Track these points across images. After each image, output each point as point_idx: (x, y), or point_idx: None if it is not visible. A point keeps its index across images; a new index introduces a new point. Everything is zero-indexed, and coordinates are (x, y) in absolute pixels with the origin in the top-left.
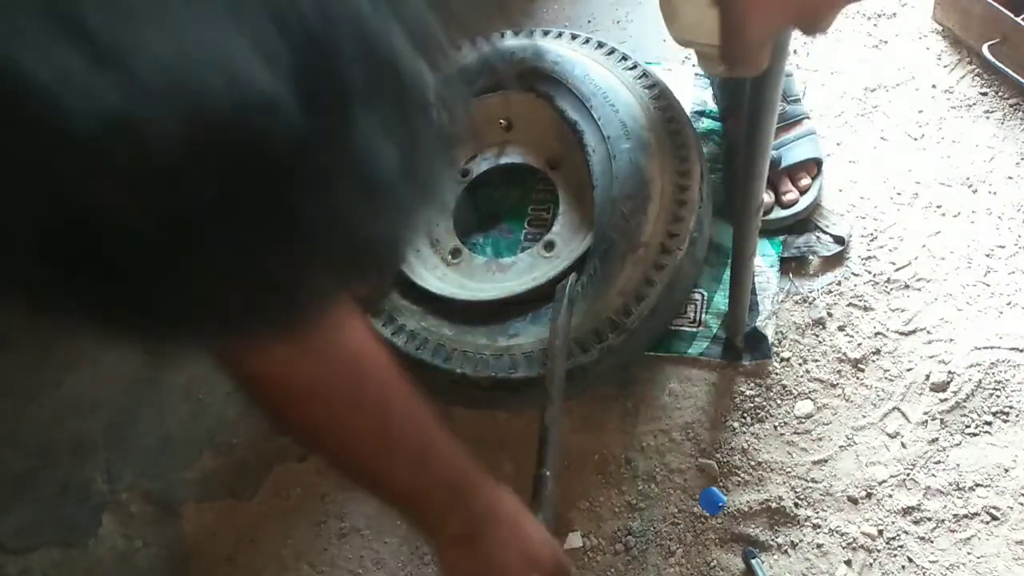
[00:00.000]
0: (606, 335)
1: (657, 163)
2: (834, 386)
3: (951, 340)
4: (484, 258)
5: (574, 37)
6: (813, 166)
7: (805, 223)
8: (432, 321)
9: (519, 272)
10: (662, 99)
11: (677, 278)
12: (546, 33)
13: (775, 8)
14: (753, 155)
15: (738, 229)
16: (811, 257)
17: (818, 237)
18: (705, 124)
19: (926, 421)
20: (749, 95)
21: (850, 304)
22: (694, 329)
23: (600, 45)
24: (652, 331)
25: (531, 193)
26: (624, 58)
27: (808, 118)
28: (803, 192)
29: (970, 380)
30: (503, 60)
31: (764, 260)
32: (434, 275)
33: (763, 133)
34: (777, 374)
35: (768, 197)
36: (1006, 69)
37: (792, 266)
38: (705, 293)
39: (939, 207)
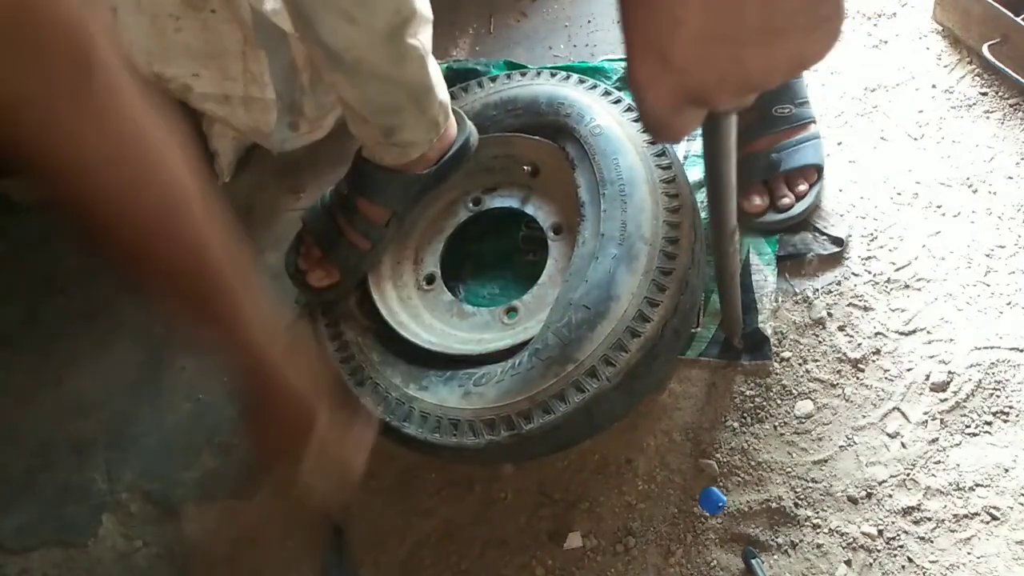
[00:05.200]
0: (499, 430)
1: (634, 283)
2: (834, 386)
3: (951, 340)
4: (449, 297)
5: (629, 109)
6: (813, 172)
7: (803, 224)
8: (368, 340)
9: (472, 327)
10: (677, 214)
11: (596, 404)
12: (607, 93)
13: (667, 88)
14: (717, 196)
15: (717, 253)
16: (809, 255)
17: (815, 236)
18: None
19: (926, 421)
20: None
21: (850, 304)
22: (693, 330)
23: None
24: (553, 442)
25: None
26: (663, 154)
27: (814, 122)
28: (800, 198)
29: (970, 380)
30: (549, 106)
31: (761, 259)
32: (400, 295)
33: (723, 184)
34: (777, 374)
35: (763, 200)
36: (1006, 69)
37: (790, 266)
38: (704, 294)
39: (939, 207)
